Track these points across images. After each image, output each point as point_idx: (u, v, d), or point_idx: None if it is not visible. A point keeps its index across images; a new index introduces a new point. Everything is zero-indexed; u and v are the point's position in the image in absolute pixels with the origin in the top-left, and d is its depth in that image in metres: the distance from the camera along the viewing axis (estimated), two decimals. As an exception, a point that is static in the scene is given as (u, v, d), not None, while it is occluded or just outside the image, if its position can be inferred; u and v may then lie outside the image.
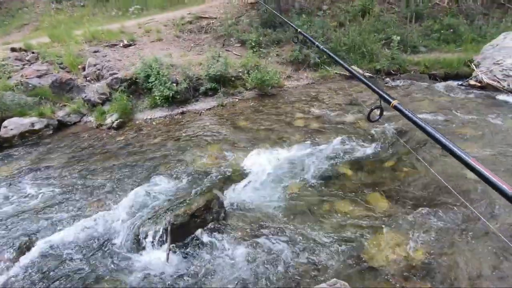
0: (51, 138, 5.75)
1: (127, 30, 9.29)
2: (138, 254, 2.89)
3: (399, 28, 9.10)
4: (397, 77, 7.39)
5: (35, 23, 12.58)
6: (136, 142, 5.23)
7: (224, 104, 6.49)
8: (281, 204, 3.47)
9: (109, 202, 3.66)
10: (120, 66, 7.25)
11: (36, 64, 7.22)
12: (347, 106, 6.00)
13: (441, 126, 4.90)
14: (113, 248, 2.99)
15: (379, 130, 4.97)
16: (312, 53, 7.77)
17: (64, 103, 6.59)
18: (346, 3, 10.41)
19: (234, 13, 10.05)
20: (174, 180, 3.97)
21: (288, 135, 5.02)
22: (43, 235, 3.17)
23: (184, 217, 2.97)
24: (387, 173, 3.93)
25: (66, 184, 4.10)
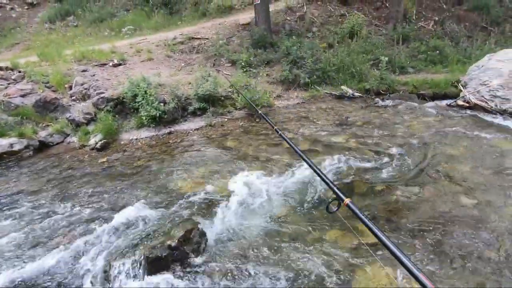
0: (30, 159, 5.50)
1: (118, 50, 9.27)
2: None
3: (387, 50, 9.30)
4: (386, 97, 7.42)
5: (26, 42, 12.56)
6: (119, 164, 5.02)
7: (213, 124, 6.37)
8: (268, 232, 3.27)
9: (83, 231, 3.40)
10: (108, 86, 7.14)
11: (21, 83, 7.08)
12: (337, 127, 5.93)
13: (432, 146, 4.83)
14: (82, 283, 2.72)
15: (370, 150, 4.87)
16: (302, 73, 7.81)
17: (47, 123, 6.39)
18: (335, 25, 10.66)
19: (226, 34, 10.17)
20: (155, 206, 3.75)
21: (277, 157, 4.88)
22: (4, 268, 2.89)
23: (161, 249, 2.74)
24: (377, 198, 3.78)
25: (38, 211, 3.83)
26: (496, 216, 3.18)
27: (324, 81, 8.05)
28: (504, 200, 3.45)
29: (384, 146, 5.00)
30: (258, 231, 3.29)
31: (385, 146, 4.99)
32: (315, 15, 11.17)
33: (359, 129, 5.75)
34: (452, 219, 3.27)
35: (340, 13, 11.37)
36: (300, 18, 10.87)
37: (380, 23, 11.07)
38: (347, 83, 7.99)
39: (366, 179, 4.21)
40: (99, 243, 3.16)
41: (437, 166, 4.35)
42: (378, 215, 3.48)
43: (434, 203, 3.57)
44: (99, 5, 14.46)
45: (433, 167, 4.33)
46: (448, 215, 3.33)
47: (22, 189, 4.44)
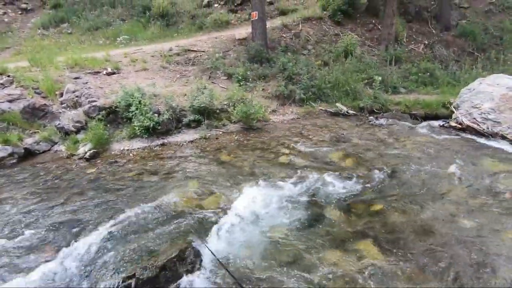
0: (14, 167, 5.25)
1: (113, 58, 9.16)
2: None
3: (380, 69, 9.52)
4: (380, 116, 7.51)
5: (17, 47, 12.31)
6: (108, 176, 4.81)
7: (207, 136, 6.26)
8: (264, 252, 3.13)
9: (67, 247, 3.17)
10: (100, 94, 6.98)
11: (9, 88, 6.84)
12: (332, 143, 5.91)
13: (426, 167, 4.85)
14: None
15: (365, 169, 4.85)
16: (297, 89, 7.86)
17: (34, 130, 6.15)
18: (329, 44, 10.91)
19: (222, 47, 10.24)
20: (146, 221, 3.56)
21: (272, 172, 4.79)
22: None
23: (152, 270, 2.57)
24: (376, 218, 3.71)
25: (18, 225, 3.58)
26: (497, 240, 3.15)
27: (319, 97, 8.12)
28: (502, 223, 3.43)
29: (379, 165, 4.98)
30: (255, 251, 3.15)
31: (380, 165, 4.98)
32: (310, 33, 11.42)
33: (354, 147, 5.75)
34: (453, 242, 3.21)
35: (334, 32, 11.68)
36: (296, 36, 11.09)
37: (372, 44, 11.40)
38: (341, 100, 8.08)
39: (362, 199, 4.15)
40: (85, 259, 2.94)
41: (433, 186, 4.34)
42: (376, 236, 3.40)
43: (433, 225, 3.52)
44: (95, 14, 14.42)
45: (429, 188, 4.32)
46: (448, 238, 3.28)
47: (3, 199, 4.17)
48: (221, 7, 14.84)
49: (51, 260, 2.97)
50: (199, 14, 13.87)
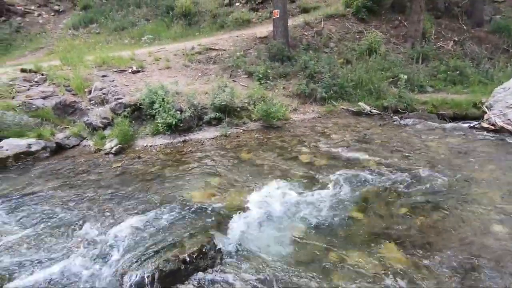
0: (46, 161, 5.54)
1: (138, 57, 9.46)
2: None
3: (406, 68, 9.18)
4: (405, 116, 7.25)
5: (50, 47, 12.99)
6: (133, 170, 4.98)
7: (228, 134, 6.32)
8: (284, 251, 3.12)
9: (95, 236, 3.32)
10: (126, 92, 7.23)
11: (42, 86, 7.24)
12: (354, 143, 5.78)
13: (456, 169, 4.62)
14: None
15: (389, 170, 4.69)
16: (319, 87, 7.75)
17: (65, 125, 6.47)
18: (352, 42, 10.66)
19: (243, 46, 10.27)
20: (168, 215, 3.65)
21: (293, 171, 4.75)
22: (16, 275, 2.81)
23: (175, 263, 2.63)
24: (401, 220, 3.59)
25: (51, 215, 3.79)
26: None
27: (341, 96, 7.96)
28: (540, 231, 3.21)
29: (404, 166, 4.81)
30: (274, 249, 3.14)
31: (405, 166, 4.80)
32: (332, 31, 11.21)
33: (377, 147, 5.59)
34: (484, 249, 3.04)
35: (358, 30, 11.39)
36: (318, 34, 10.91)
37: (398, 42, 11.01)
38: (364, 99, 7.88)
39: (386, 201, 4.02)
40: (112, 249, 3.07)
41: (462, 190, 4.13)
42: (400, 240, 3.29)
43: (462, 230, 3.36)
44: (122, 14, 14.95)
45: (458, 191, 4.12)
46: (479, 245, 3.11)
47: (37, 190, 4.43)
48: (242, 6, 14.89)
49: (80, 249, 3.12)
50: (221, 13, 14.01)
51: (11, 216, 3.82)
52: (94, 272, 2.81)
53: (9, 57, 12.31)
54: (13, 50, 13.19)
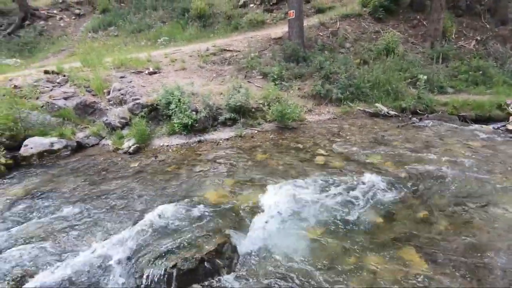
0: (68, 159, 5.71)
1: (154, 59, 9.64)
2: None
3: (425, 68, 8.93)
4: (424, 117, 7.04)
5: (71, 49, 13.45)
6: (150, 169, 5.06)
7: (243, 135, 6.33)
8: (301, 252, 3.08)
9: (114, 233, 3.39)
10: (143, 92, 7.38)
11: (64, 87, 7.50)
12: (371, 145, 5.66)
13: (479, 173, 4.45)
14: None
15: (408, 173, 4.57)
16: (334, 88, 7.65)
17: (85, 125, 6.67)
18: (368, 42, 10.48)
19: (258, 47, 10.29)
20: (185, 214, 3.68)
21: (308, 173, 4.70)
22: (39, 269, 2.91)
23: (192, 262, 2.65)
24: (421, 225, 3.48)
25: (73, 210, 3.90)
26: None
27: (357, 97, 7.83)
28: None
29: (425, 169, 4.67)
30: (290, 250, 3.11)
31: (426, 169, 4.66)
32: (348, 31, 11.06)
33: (396, 149, 5.45)
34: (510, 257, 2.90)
35: (375, 29, 11.19)
36: (333, 34, 10.80)
37: (416, 41, 10.74)
38: (381, 100, 7.72)
39: (404, 204, 3.91)
40: (131, 246, 3.12)
41: (486, 194, 3.97)
42: (421, 245, 3.19)
43: (486, 237, 3.22)
44: (139, 17, 15.30)
45: (482, 196, 3.96)
46: (505, 252, 2.98)
47: (59, 187, 4.58)
48: (257, 7, 14.93)
49: (99, 245, 3.19)
50: (235, 14, 14.09)
51: (35, 211, 3.96)
52: (113, 268, 2.86)
53: (33, 59, 12.82)
54: (36, 52, 13.74)
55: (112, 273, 2.84)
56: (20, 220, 3.78)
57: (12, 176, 5.04)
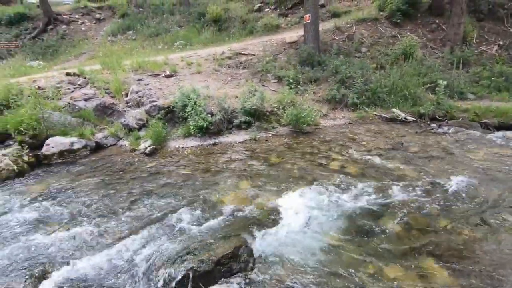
0: (87, 158, 5.86)
1: (171, 62, 9.83)
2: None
3: (444, 73, 8.71)
4: (444, 123, 6.85)
5: (91, 52, 13.90)
6: (165, 171, 5.13)
7: (257, 138, 6.33)
8: (318, 259, 3.03)
9: (131, 233, 3.44)
10: (160, 95, 7.52)
11: (85, 88, 7.73)
12: (388, 151, 5.54)
13: (502, 182, 4.27)
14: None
15: (428, 181, 4.44)
16: (350, 93, 7.56)
17: (104, 126, 6.83)
18: (385, 46, 10.33)
19: (272, 51, 10.33)
20: (200, 216, 3.70)
21: (323, 178, 4.64)
22: (58, 265, 2.98)
23: (209, 264, 2.65)
24: (443, 235, 3.36)
25: (91, 209, 3.99)
26: None
27: (373, 102, 7.71)
28: None
29: (445, 177, 4.53)
30: (306, 256, 3.06)
31: (445, 177, 4.52)
32: (364, 36, 10.95)
33: (414, 156, 5.32)
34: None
35: (392, 34, 11.03)
36: (349, 38, 10.71)
37: (435, 46, 10.50)
38: (399, 106, 7.57)
39: (424, 213, 3.79)
40: (147, 246, 3.16)
41: (511, 205, 3.80)
42: (442, 256, 3.07)
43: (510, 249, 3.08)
44: (156, 21, 15.68)
45: (505, 206, 3.79)
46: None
47: (78, 185, 4.70)
48: (272, 12, 15.03)
49: (117, 244, 3.24)
50: (250, 18, 14.23)
51: (55, 208, 4.06)
52: (130, 268, 2.90)
53: (55, 62, 13.32)
54: (58, 55, 14.28)
55: (129, 273, 2.87)
56: (40, 216, 3.90)
57: (35, 173, 5.22)
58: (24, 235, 3.53)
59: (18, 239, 3.46)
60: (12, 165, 5.08)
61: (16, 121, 6.00)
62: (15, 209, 4.08)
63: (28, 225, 3.72)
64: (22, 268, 2.99)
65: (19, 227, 3.69)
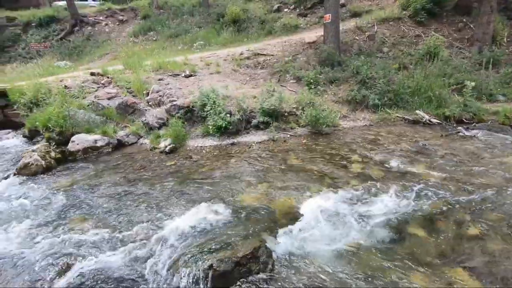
0: (109, 156, 6.04)
1: (190, 62, 9.97)
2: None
3: (471, 74, 8.31)
4: (471, 127, 6.53)
5: (114, 53, 14.35)
6: (184, 169, 5.19)
7: (275, 139, 6.29)
8: (339, 263, 2.95)
9: (151, 230, 3.50)
10: (179, 94, 7.63)
11: (108, 87, 7.97)
12: (413, 154, 5.34)
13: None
14: (149, 285, 2.74)
15: (455, 186, 4.23)
16: (371, 94, 7.36)
17: (125, 124, 7.02)
18: (408, 46, 10.00)
19: (291, 51, 10.24)
20: (219, 215, 3.71)
21: (344, 180, 4.54)
22: (81, 258, 3.07)
23: (228, 263, 2.64)
24: (472, 243, 3.19)
25: (113, 205, 4.10)
26: None
27: (395, 104, 7.46)
28: None
29: (473, 183, 4.30)
30: (329, 260, 2.99)
31: (474, 183, 4.29)
32: (386, 35, 10.64)
33: (440, 160, 5.10)
34: None
35: (415, 33, 10.65)
36: (370, 38, 10.44)
37: (462, 46, 10.05)
38: (422, 107, 7.29)
39: (452, 219, 3.61)
40: (167, 243, 3.20)
41: (549, 215, 3.55)
42: (472, 265, 2.91)
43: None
44: (176, 22, 15.97)
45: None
46: None
47: (101, 182, 4.84)
48: (291, 12, 14.94)
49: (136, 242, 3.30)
50: (269, 19, 14.20)
51: (78, 203, 4.21)
52: (149, 264, 2.94)
53: (80, 62, 13.86)
54: (84, 55, 14.84)
55: (149, 269, 2.91)
56: (65, 210, 4.04)
57: (61, 169, 5.43)
58: (50, 227, 3.67)
59: (45, 231, 3.60)
60: (40, 161, 5.31)
61: (44, 119, 6.28)
62: (43, 203, 4.27)
63: (54, 218, 3.87)
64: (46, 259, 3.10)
65: (46, 219, 3.84)
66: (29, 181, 4.98)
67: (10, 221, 3.87)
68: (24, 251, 3.26)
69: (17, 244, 3.42)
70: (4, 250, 3.33)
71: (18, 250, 3.30)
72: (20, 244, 3.41)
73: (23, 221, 3.84)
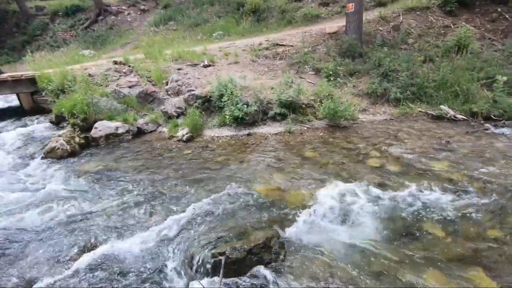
0: (129, 143, 6.24)
1: (209, 52, 9.99)
2: (189, 282, 2.69)
3: (504, 68, 7.80)
4: (501, 124, 6.18)
5: (135, 42, 14.62)
6: (201, 158, 5.28)
7: (292, 131, 6.24)
8: (352, 257, 2.94)
9: (168, 214, 3.61)
10: (198, 84, 7.71)
11: (129, 76, 8.17)
12: (434, 151, 5.15)
13: None
14: (165, 269, 2.85)
15: (478, 186, 4.05)
16: (393, 87, 7.11)
17: (145, 112, 7.20)
18: (435, 38, 9.50)
19: (311, 42, 10.02)
20: (234, 204, 3.77)
21: (361, 175, 4.46)
22: (100, 241, 3.23)
23: (241, 252, 2.69)
24: (492, 245, 3.07)
25: (133, 190, 4.26)
26: None
27: (418, 98, 7.17)
28: None
29: (499, 183, 4.10)
30: (342, 254, 2.98)
31: (499, 183, 4.09)
32: (412, 26, 10.15)
33: (463, 157, 4.88)
34: None
35: (443, 24, 10.09)
36: (394, 29, 10.00)
37: (495, 37, 9.42)
38: (448, 102, 6.96)
39: (473, 220, 3.48)
40: (182, 229, 3.30)
41: None
42: (492, 267, 2.81)
43: None
44: (196, 11, 15.98)
45: None
46: None
47: (121, 167, 5.03)
48: (312, 1, 14.54)
49: (153, 226, 3.42)
50: (289, 8, 13.91)
51: (101, 187, 4.41)
52: (165, 249, 3.05)
53: (103, 51, 14.24)
54: (107, 44, 15.22)
55: (164, 254, 3.02)
56: (89, 194, 4.24)
57: (85, 154, 5.68)
58: (73, 209, 3.88)
59: (68, 212, 3.81)
60: (65, 145, 5.58)
61: (70, 105, 6.54)
62: (67, 186, 4.50)
63: (78, 200, 4.08)
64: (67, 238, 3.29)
65: (69, 202, 4.05)
66: (56, 164, 5.26)
67: (38, 201, 4.11)
68: (52, 226, 3.48)
69: (45, 221, 3.64)
70: (32, 224, 3.56)
71: (45, 225, 3.52)
72: (47, 222, 3.63)
73: (50, 201, 4.07)
